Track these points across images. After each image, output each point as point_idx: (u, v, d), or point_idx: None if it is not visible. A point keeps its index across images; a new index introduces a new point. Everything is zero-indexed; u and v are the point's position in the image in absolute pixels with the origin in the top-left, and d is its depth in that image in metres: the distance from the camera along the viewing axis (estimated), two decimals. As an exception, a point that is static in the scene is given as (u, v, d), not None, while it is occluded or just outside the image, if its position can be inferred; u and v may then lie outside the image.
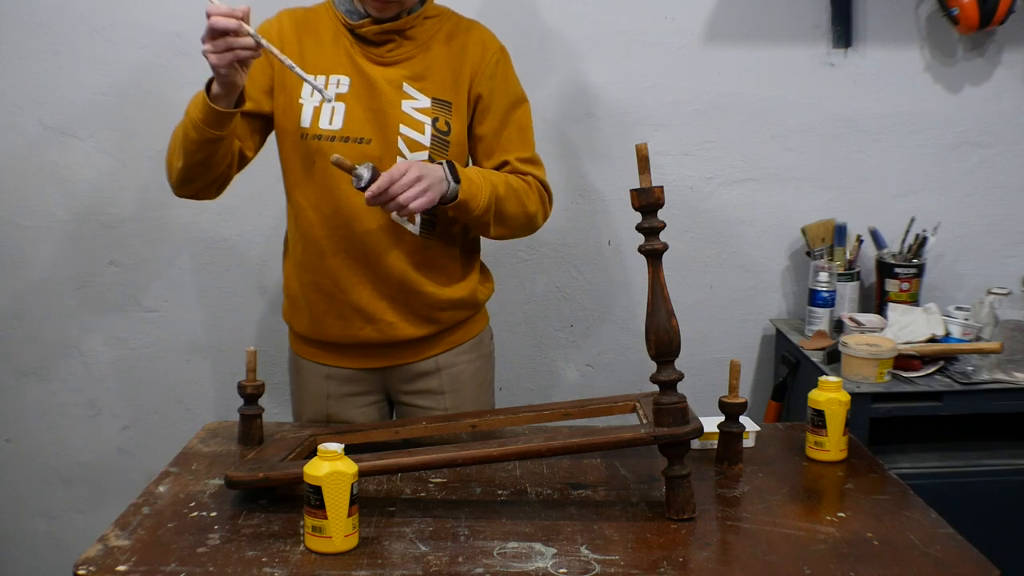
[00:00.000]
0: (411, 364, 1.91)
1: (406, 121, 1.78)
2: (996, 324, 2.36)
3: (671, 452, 1.47)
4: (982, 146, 2.61)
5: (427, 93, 1.80)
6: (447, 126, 1.80)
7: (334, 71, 1.80)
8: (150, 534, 1.42)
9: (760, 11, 2.51)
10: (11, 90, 2.46)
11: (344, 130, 1.78)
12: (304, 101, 1.79)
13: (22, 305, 2.58)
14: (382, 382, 1.94)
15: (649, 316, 1.48)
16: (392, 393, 1.96)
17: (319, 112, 1.78)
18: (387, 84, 1.79)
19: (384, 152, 1.78)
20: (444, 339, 1.91)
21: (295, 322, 1.94)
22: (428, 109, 1.79)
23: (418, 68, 1.81)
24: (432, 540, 1.40)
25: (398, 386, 1.94)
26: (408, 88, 1.80)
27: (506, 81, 1.87)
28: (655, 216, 1.49)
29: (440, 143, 1.80)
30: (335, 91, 1.79)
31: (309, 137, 1.79)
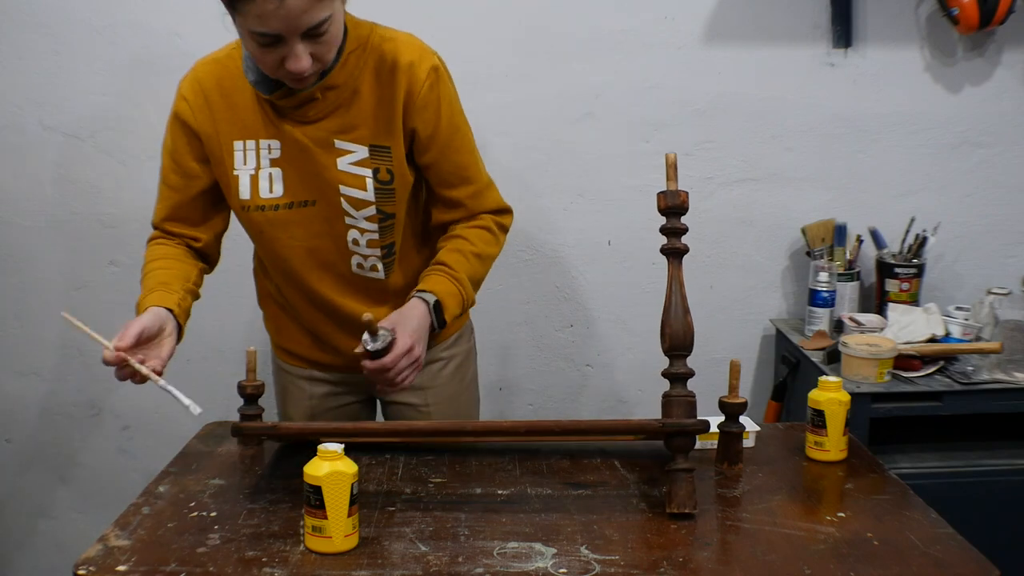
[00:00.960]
0: None
1: (345, 180, 1.68)
2: (996, 324, 2.36)
3: (677, 444, 1.48)
4: (982, 146, 2.61)
5: (362, 142, 1.67)
6: (389, 174, 1.68)
7: (262, 135, 1.68)
8: (150, 534, 1.42)
9: (760, 11, 2.51)
10: (11, 90, 2.47)
11: (286, 196, 1.69)
12: (239, 171, 1.69)
13: (22, 305, 2.59)
14: (364, 384, 1.94)
15: (665, 311, 1.54)
16: (375, 392, 1.97)
17: (257, 180, 1.69)
18: (316, 145, 1.66)
19: (330, 211, 1.70)
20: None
21: (280, 341, 1.94)
22: (366, 160, 1.67)
23: (347, 118, 1.66)
24: (432, 540, 1.40)
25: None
26: (341, 144, 1.67)
27: (439, 109, 1.70)
28: (678, 219, 1.58)
29: (385, 194, 1.69)
30: (268, 156, 1.68)
31: (251, 209, 1.70)
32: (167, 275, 1.70)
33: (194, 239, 1.78)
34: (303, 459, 1.42)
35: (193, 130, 1.70)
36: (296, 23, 1.48)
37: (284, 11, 1.46)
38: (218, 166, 1.71)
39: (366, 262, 1.76)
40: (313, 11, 1.49)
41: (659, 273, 2.57)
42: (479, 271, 1.78)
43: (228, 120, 1.69)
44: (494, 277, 2.67)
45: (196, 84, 1.71)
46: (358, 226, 1.72)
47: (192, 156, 1.72)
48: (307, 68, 1.54)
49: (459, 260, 1.74)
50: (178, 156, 1.73)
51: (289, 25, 1.48)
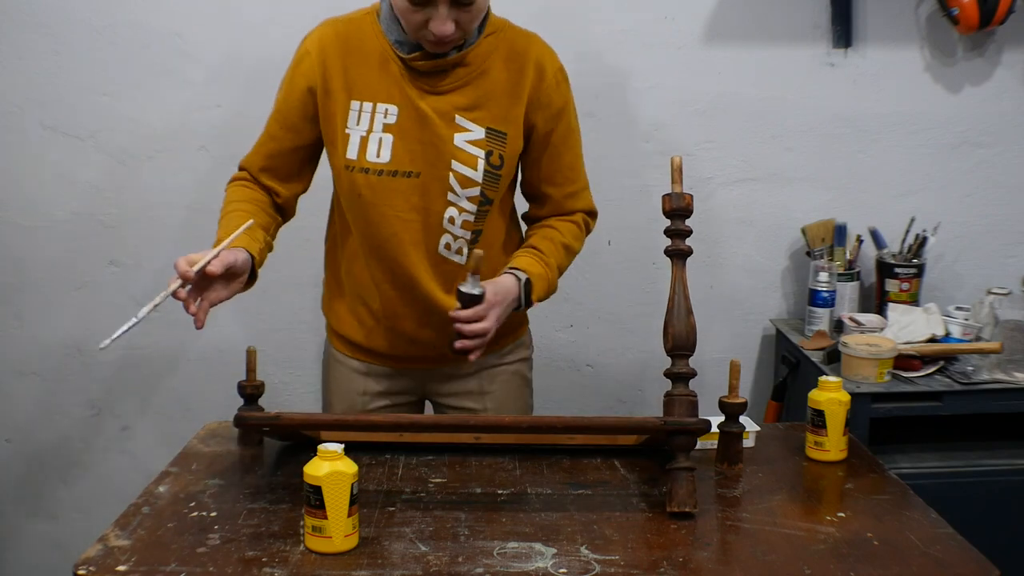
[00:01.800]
0: (453, 366, 1.89)
1: (458, 156, 1.70)
2: (996, 324, 2.36)
3: (678, 443, 1.48)
4: (982, 146, 2.61)
5: (481, 123, 1.71)
6: (500, 160, 1.72)
7: (381, 99, 1.70)
8: (150, 534, 1.42)
9: (760, 11, 2.51)
10: (11, 90, 2.46)
11: (392, 163, 1.70)
12: (350, 131, 1.70)
13: (22, 305, 2.59)
14: (420, 382, 1.93)
15: (669, 312, 1.55)
16: (429, 394, 1.95)
17: (366, 143, 1.70)
18: (439, 117, 1.69)
19: (433, 185, 1.71)
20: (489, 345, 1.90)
21: (339, 323, 1.90)
22: (482, 141, 1.70)
23: (473, 96, 1.70)
24: (432, 540, 1.40)
25: (436, 387, 1.93)
26: (461, 120, 1.70)
27: (562, 109, 1.77)
28: (683, 221, 1.61)
29: (492, 178, 1.72)
30: (383, 121, 1.69)
31: (355, 170, 1.71)
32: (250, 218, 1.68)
33: (276, 191, 1.80)
34: (303, 459, 1.42)
35: (310, 85, 1.72)
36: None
37: None
38: (328, 122, 1.72)
39: (455, 243, 1.76)
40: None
41: (659, 273, 2.57)
42: (564, 262, 1.84)
43: (349, 79, 1.70)
44: (494, 277, 2.68)
45: (322, 40, 1.72)
46: (459, 204, 1.73)
47: (300, 112, 1.74)
48: (450, 33, 1.59)
49: (550, 247, 1.80)
50: (287, 108, 1.75)
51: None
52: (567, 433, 1.68)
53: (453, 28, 1.59)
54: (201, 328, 1.56)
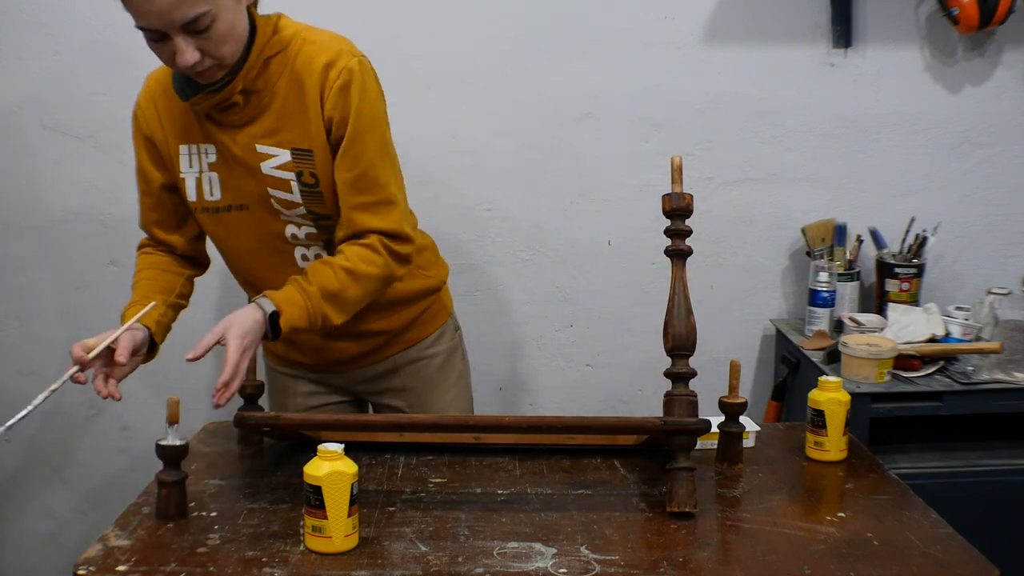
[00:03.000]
0: (369, 367, 1.92)
1: (272, 183, 1.68)
2: (996, 324, 2.36)
3: (678, 443, 1.48)
4: (982, 146, 2.61)
5: (284, 146, 1.66)
6: (313, 178, 1.67)
7: (200, 140, 1.71)
8: (150, 534, 1.42)
9: (760, 11, 2.51)
10: (11, 90, 2.47)
11: (224, 200, 1.73)
12: (185, 174, 1.73)
13: (22, 305, 2.59)
14: (348, 383, 1.96)
15: (669, 312, 1.55)
16: (360, 394, 1.99)
17: (201, 183, 1.73)
18: (241, 150, 1.67)
19: (262, 214, 1.72)
20: (397, 341, 1.91)
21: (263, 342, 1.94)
22: (289, 164, 1.66)
23: (268, 122, 1.65)
24: (432, 540, 1.40)
25: (363, 387, 1.96)
26: (263, 148, 1.66)
27: (348, 105, 1.63)
28: (683, 221, 1.61)
29: (312, 196, 1.68)
30: (206, 160, 1.71)
31: (199, 210, 1.75)
32: (151, 286, 1.76)
33: (173, 244, 1.83)
34: (303, 459, 1.42)
35: (146, 136, 1.76)
36: (169, 18, 1.51)
37: (150, 5, 1.51)
38: (171, 170, 1.76)
39: (309, 251, 1.77)
40: (184, 7, 1.50)
41: (659, 273, 2.57)
42: (348, 288, 1.65)
43: (173, 125, 1.73)
44: (494, 277, 2.68)
45: (148, 92, 1.76)
46: (293, 221, 1.74)
47: (151, 162, 1.77)
48: (192, 62, 1.54)
49: (321, 271, 1.65)
50: (140, 162, 1.80)
51: (163, 21, 1.51)
52: (567, 433, 1.68)
53: (197, 57, 1.53)
54: (119, 399, 1.61)
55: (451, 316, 2.01)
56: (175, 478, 1.46)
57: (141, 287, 1.77)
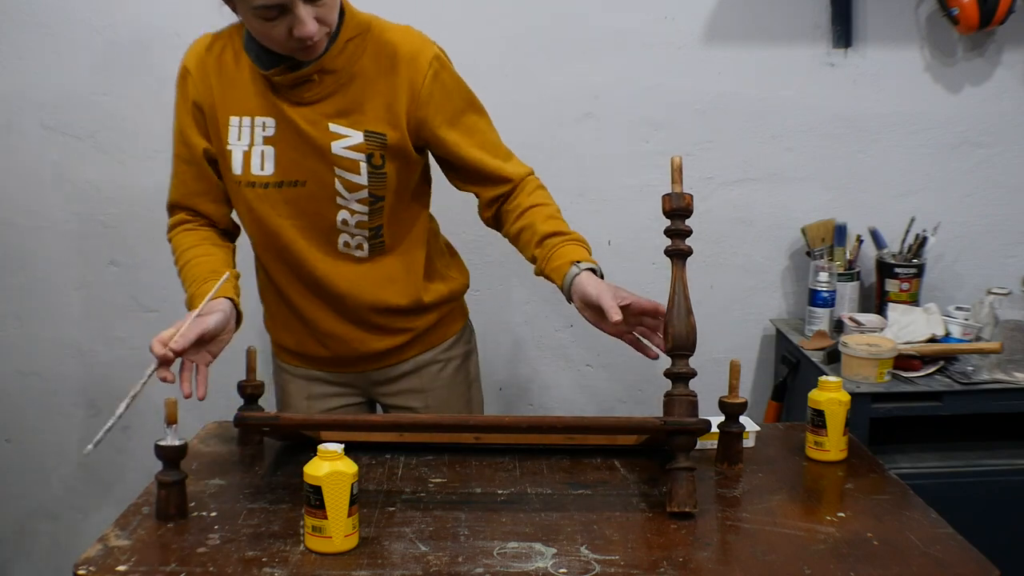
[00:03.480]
0: (389, 367, 1.92)
1: (340, 163, 1.69)
2: (996, 324, 2.36)
3: (678, 443, 1.48)
4: (982, 146, 2.61)
5: (358, 127, 1.68)
6: (382, 159, 1.70)
7: (258, 112, 1.70)
8: (150, 534, 1.42)
9: (760, 11, 2.51)
10: (11, 90, 2.47)
11: (276, 175, 1.71)
12: (232, 146, 1.71)
13: (22, 305, 2.59)
14: (363, 385, 1.95)
15: (669, 311, 1.55)
16: (373, 394, 1.97)
17: (249, 157, 1.71)
18: (312, 127, 1.68)
19: (321, 193, 1.71)
20: (419, 342, 1.91)
21: (275, 335, 1.95)
22: (361, 145, 1.68)
23: (344, 103, 1.68)
24: (432, 540, 1.40)
25: (378, 388, 1.95)
26: (336, 127, 1.68)
27: (450, 94, 1.73)
28: (683, 221, 1.61)
29: (377, 178, 1.71)
30: (262, 134, 1.69)
31: (243, 184, 1.72)
32: (213, 262, 1.72)
33: (216, 217, 1.81)
34: (303, 459, 1.42)
35: (195, 102, 1.73)
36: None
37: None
38: (214, 139, 1.74)
39: (352, 240, 1.77)
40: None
41: (659, 273, 2.57)
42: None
43: (225, 95, 1.71)
44: (494, 277, 2.68)
45: (197, 58, 1.74)
46: (349, 207, 1.73)
47: (195, 128, 1.75)
48: (315, 31, 1.57)
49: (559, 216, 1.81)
50: (184, 128, 1.76)
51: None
52: (567, 433, 1.68)
53: (316, 26, 1.57)
54: (203, 399, 1.60)
55: (468, 320, 2.02)
56: (175, 478, 1.46)
57: (202, 264, 1.72)
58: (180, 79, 1.76)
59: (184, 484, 1.47)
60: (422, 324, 1.89)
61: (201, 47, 1.75)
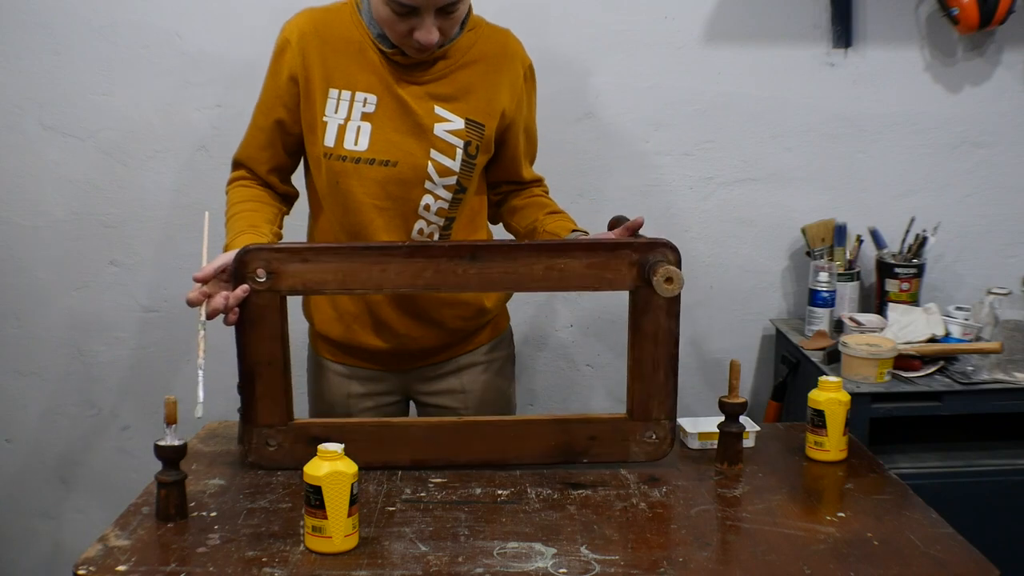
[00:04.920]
0: (435, 365, 1.92)
1: (438, 146, 1.73)
2: (996, 324, 2.36)
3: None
4: (982, 146, 2.61)
5: (460, 113, 1.74)
6: (476, 150, 1.76)
7: (360, 88, 1.72)
8: (150, 534, 1.42)
9: (760, 11, 2.51)
10: (11, 90, 2.47)
11: (370, 152, 1.72)
12: (328, 119, 1.72)
13: (22, 305, 2.59)
14: (404, 382, 1.94)
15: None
16: (412, 393, 1.96)
17: (344, 131, 1.72)
18: (419, 106, 1.72)
19: (411, 174, 1.73)
20: (467, 342, 1.91)
21: (321, 323, 1.90)
22: (461, 131, 1.74)
23: (452, 88, 1.74)
24: (432, 540, 1.40)
25: (418, 387, 1.94)
26: (440, 110, 1.73)
27: (531, 102, 1.87)
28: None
29: (468, 167, 1.76)
30: (361, 109, 1.72)
31: (333, 157, 1.73)
32: (256, 217, 1.73)
33: (274, 184, 1.82)
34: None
35: (292, 74, 1.73)
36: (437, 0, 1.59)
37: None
38: (308, 110, 1.74)
39: (427, 228, 1.78)
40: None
41: (659, 273, 2.57)
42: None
43: (328, 67, 1.72)
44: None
45: (300, 28, 1.74)
46: (435, 192, 1.75)
47: (285, 101, 1.75)
48: (435, 41, 1.64)
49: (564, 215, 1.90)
50: (272, 98, 1.77)
51: (429, 0, 1.59)
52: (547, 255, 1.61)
53: (437, 36, 1.64)
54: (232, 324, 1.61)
55: (509, 324, 2.03)
56: (174, 478, 1.46)
57: (244, 218, 1.72)
58: (279, 49, 1.76)
59: (184, 484, 1.47)
60: (473, 325, 1.90)
61: (305, 19, 1.75)
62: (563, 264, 1.59)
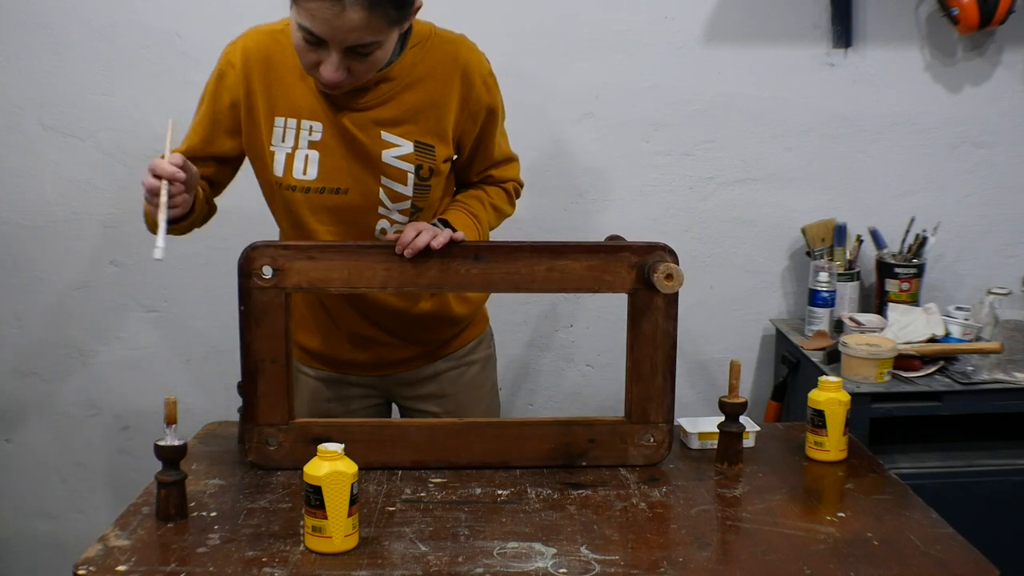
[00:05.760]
0: (414, 371, 1.91)
1: (388, 172, 1.68)
2: (996, 324, 2.36)
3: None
4: (982, 146, 2.61)
5: (409, 137, 1.67)
6: (430, 172, 1.70)
7: (305, 116, 1.65)
8: (150, 534, 1.42)
9: (760, 11, 2.51)
10: (11, 90, 2.47)
11: (319, 180, 1.67)
12: (275, 148, 1.67)
13: (22, 305, 2.59)
14: (383, 387, 1.94)
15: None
16: (393, 397, 1.96)
17: (292, 160, 1.66)
18: (364, 134, 1.66)
19: (362, 201, 1.69)
20: (444, 348, 1.91)
21: (297, 335, 1.89)
22: (411, 155, 1.68)
23: (398, 111, 1.66)
24: (432, 540, 1.40)
25: (399, 391, 1.94)
26: (387, 136, 1.67)
27: (491, 110, 1.76)
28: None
29: (422, 190, 1.71)
30: (307, 138, 1.65)
31: (283, 187, 1.69)
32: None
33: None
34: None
35: (233, 100, 1.68)
36: (344, 36, 1.49)
37: (338, 21, 1.47)
38: (253, 139, 1.69)
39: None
40: (366, 31, 1.49)
41: (659, 273, 2.57)
42: (492, 221, 1.84)
43: (272, 94, 1.66)
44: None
45: (245, 53, 1.67)
46: (390, 217, 1.72)
47: (224, 126, 1.70)
48: (338, 80, 1.54)
49: (477, 206, 1.79)
50: (209, 121, 1.71)
51: (336, 35, 1.49)
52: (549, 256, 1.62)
53: (344, 76, 1.54)
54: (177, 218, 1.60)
55: (488, 326, 2.01)
56: (174, 478, 1.46)
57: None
58: (220, 74, 1.69)
59: (184, 484, 1.47)
60: (448, 333, 1.89)
61: (250, 42, 1.68)
62: (563, 266, 1.60)
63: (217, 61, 1.71)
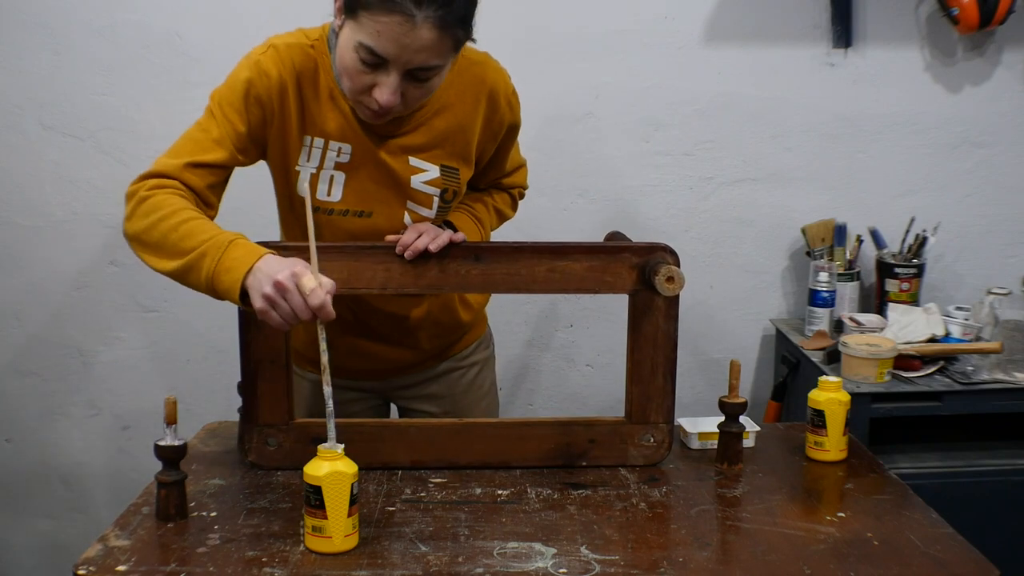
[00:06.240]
0: (413, 374, 1.90)
1: (415, 197, 1.66)
2: (996, 324, 2.36)
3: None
4: (982, 146, 2.61)
5: (435, 161, 1.66)
6: (454, 195, 1.70)
7: (334, 137, 1.61)
8: (150, 534, 1.42)
9: (760, 11, 2.51)
10: (11, 90, 2.47)
11: (343, 203, 1.64)
12: (301, 168, 1.62)
13: (22, 305, 2.59)
14: (382, 388, 1.94)
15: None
16: (392, 397, 1.96)
17: (316, 180, 1.62)
18: (393, 159, 1.63)
19: (386, 225, 1.67)
20: (444, 352, 1.91)
21: (296, 341, 1.84)
22: (437, 180, 1.66)
23: (427, 137, 1.64)
24: (432, 540, 1.40)
25: (399, 392, 1.94)
26: (415, 162, 1.64)
27: (515, 124, 1.75)
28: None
29: (444, 211, 1.71)
30: (335, 159, 1.61)
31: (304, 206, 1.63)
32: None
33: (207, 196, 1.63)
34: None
35: (266, 113, 1.58)
36: (410, 56, 1.44)
37: (407, 39, 1.42)
38: (280, 155, 1.62)
39: None
40: (432, 53, 1.45)
41: (659, 273, 2.57)
42: (494, 223, 1.85)
43: (302, 112, 1.59)
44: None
45: (280, 65, 1.57)
46: None
47: (251, 142, 1.59)
48: (392, 105, 1.49)
49: (481, 208, 1.80)
50: (235, 134, 1.58)
51: (402, 55, 1.44)
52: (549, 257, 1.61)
53: (399, 101, 1.49)
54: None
55: (488, 327, 2.01)
56: (174, 478, 1.46)
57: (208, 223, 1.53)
58: (250, 83, 1.56)
59: (184, 484, 1.47)
60: (452, 338, 1.89)
61: (284, 55, 1.58)
62: (564, 266, 1.60)
63: (239, 68, 1.60)
